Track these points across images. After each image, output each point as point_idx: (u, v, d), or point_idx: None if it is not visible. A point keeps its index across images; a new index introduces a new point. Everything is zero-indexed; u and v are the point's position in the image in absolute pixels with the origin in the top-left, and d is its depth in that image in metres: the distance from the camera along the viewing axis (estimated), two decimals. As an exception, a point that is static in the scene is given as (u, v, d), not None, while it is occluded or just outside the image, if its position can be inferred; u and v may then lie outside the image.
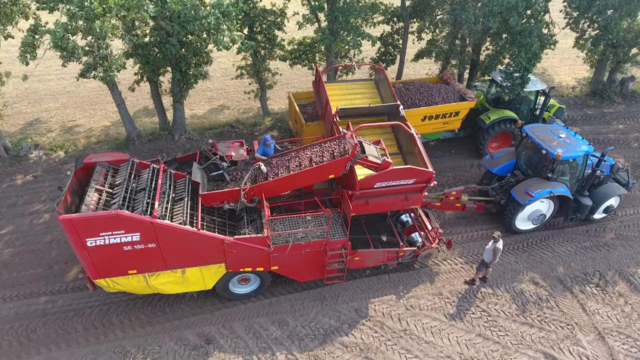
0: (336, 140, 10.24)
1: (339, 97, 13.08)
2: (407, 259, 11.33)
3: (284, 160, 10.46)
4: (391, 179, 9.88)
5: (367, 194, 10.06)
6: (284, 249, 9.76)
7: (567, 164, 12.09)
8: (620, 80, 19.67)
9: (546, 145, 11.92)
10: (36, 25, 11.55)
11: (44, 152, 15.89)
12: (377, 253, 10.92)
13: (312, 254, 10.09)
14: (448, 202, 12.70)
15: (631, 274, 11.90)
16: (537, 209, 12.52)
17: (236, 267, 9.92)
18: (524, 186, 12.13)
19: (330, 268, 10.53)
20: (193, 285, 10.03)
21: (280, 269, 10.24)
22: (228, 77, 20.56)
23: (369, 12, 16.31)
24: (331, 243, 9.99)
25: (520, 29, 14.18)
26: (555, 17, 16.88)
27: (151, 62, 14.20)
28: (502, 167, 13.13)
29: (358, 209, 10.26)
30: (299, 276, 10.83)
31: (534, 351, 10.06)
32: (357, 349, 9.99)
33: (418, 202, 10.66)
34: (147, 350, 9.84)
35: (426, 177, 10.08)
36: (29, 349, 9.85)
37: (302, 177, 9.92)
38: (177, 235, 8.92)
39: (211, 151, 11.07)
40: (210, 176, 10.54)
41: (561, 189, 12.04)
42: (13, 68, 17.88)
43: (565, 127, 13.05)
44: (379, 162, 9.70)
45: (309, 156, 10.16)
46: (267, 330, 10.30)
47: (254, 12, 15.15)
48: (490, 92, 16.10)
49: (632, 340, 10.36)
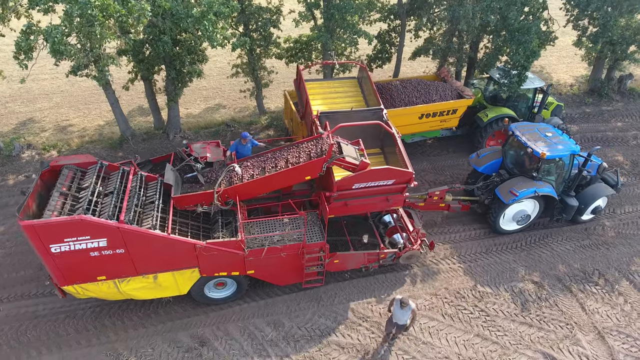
0: (314, 141, 10.00)
1: (320, 96, 12.78)
2: (389, 261, 11.08)
3: (260, 161, 10.20)
4: (370, 180, 9.70)
5: (346, 195, 9.86)
6: (259, 253, 9.50)
7: (553, 163, 11.90)
8: (618, 78, 19.56)
9: (532, 143, 11.70)
10: (30, 26, 11.33)
11: (37, 152, 15.68)
12: (357, 255, 10.70)
13: (289, 258, 9.84)
14: (432, 202, 12.48)
15: (631, 273, 11.78)
16: (521, 209, 12.28)
17: (210, 272, 9.66)
18: (508, 185, 11.91)
19: (308, 271, 10.29)
20: (166, 290, 9.77)
21: (256, 273, 10.00)
22: (224, 76, 20.38)
23: (366, 10, 16.16)
24: (308, 246, 9.77)
25: (519, 25, 14.05)
26: (554, 15, 16.77)
27: (145, 60, 14.01)
28: (488, 165, 12.90)
29: (337, 211, 10.08)
30: (277, 280, 10.60)
31: (533, 351, 9.92)
32: (353, 350, 9.84)
33: (399, 203, 10.49)
34: (139, 353, 9.66)
35: (406, 177, 9.89)
36: (19, 352, 9.66)
37: (277, 179, 9.68)
38: (146, 240, 8.63)
39: (186, 152, 10.74)
40: (185, 178, 10.23)
41: (546, 188, 11.81)
42: (6, 67, 17.71)
43: (552, 126, 12.79)
44: (357, 163, 9.48)
45: (286, 157, 9.92)
46: (262, 332, 10.13)
47: (249, 9, 14.99)
48: (488, 90, 15.97)
49: (632, 339, 10.23)
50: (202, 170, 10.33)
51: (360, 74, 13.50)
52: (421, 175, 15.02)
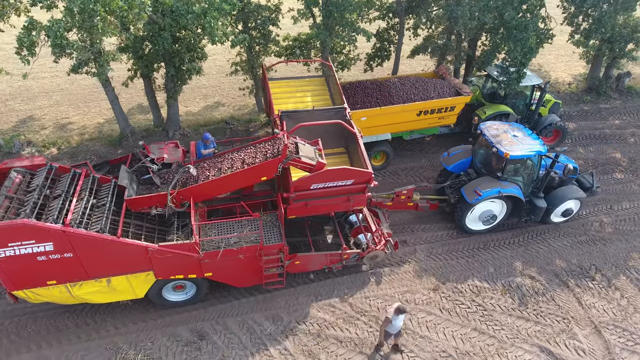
0: (271, 141, 9.95)
1: (287, 95, 12.65)
2: (353, 262, 10.99)
3: (217, 161, 10.08)
4: (327, 180, 9.58)
5: (305, 195, 9.76)
6: (215, 255, 9.37)
7: (519, 163, 11.72)
8: (616, 76, 19.63)
9: (497, 143, 11.56)
10: (31, 22, 11.39)
11: (37, 149, 15.75)
12: (319, 256, 10.59)
13: (247, 260, 9.71)
14: (400, 202, 12.40)
15: (628, 268, 11.85)
16: (488, 209, 12.15)
17: (166, 275, 9.54)
18: (473, 185, 11.81)
19: (268, 273, 10.16)
20: (122, 294, 9.68)
21: (214, 276, 9.89)
22: (223, 74, 20.45)
23: (365, 8, 16.23)
24: (266, 248, 9.64)
25: (516, 23, 14.12)
26: (551, 12, 16.84)
27: (144, 57, 14.08)
28: (457, 164, 12.80)
29: (298, 211, 10.00)
30: (236, 282, 10.48)
31: (529, 345, 9.99)
32: (351, 344, 9.90)
33: (361, 203, 10.37)
34: (139, 347, 9.73)
35: (365, 177, 9.78)
36: (19, 346, 9.72)
37: (232, 180, 9.56)
38: (95, 244, 8.49)
39: (143, 153, 10.58)
40: (141, 179, 10.08)
41: (511, 189, 11.67)
42: (6, 65, 17.74)
43: (523, 126, 12.63)
44: (313, 164, 9.38)
45: (243, 158, 9.82)
46: (261, 326, 10.19)
47: (248, 7, 15.05)
48: (486, 87, 16.05)
49: (629, 333, 10.30)
50: (159, 172, 10.16)
51: (327, 72, 13.29)
52: (419, 172, 15.10)
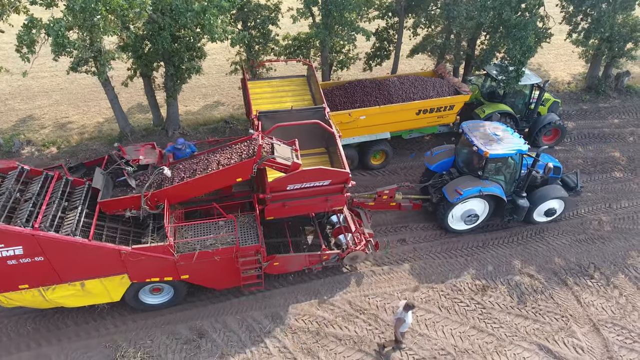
0: (247, 142, 9.90)
1: (268, 96, 12.57)
2: (333, 263, 10.91)
3: (193, 163, 10.01)
4: (304, 181, 9.53)
5: (282, 196, 9.71)
6: (190, 257, 9.27)
7: (500, 162, 11.67)
8: (615, 75, 19.65)
9: (478, 142, 11.51)
10: (32, 20, 11.41)
11: (36, 149, 15.78)
12: (298, 257, 10.51)
13: (224, 261, 9.59)
14: (382, 202, 12.39)
15: (626, 266, 11.87)
16: (470, 208, 12.09)
17: (141, 278, 9.45)
18: (455, 184, 11.79)
19: (246, 275, 10.05)
20: (97, 297, 9.59)
21: (191, 278, 9.80)
22: (222, 74, 20.46)
23: (364, 7, 16.25)
24: (243, 249, 9.56)
25: (515, 22, 14.14)
26: (551, 12, 16.87)
27: (144, 57, 14.10)
28: (440, 164, 12.78)
29: (275, 212, 9.97)
30: (214, 284, 10.40)
31: (528, 343, 10.01)
32: (350, 341, 9.92)
33: (340, 203, 10.33)
34: (138, 345, 9.75)
35: (342, 178, 9.74)
36: (19, 344, 9.74)
37: (207, 181, 9.46)
38: (66, 247, 8.37)
39: (119, 155, 10.52)
40: (117, 182, 10.01)
41: (492, 188, 11.61)
42: (6, 65, 17.75)
43: (505, 125, 12.61)
44: (288, 164, 9.33)
45: (218, 159, 9.75)
46: (260, 324, 10.22)
47: (248, 6, 15.08)
48: (485, 86, 16.07)
49: (627, 331, 10.32)
50: (135, 173, 10.07)
51: (308, 71, 13.24)
52: (419, 170, 15.11)
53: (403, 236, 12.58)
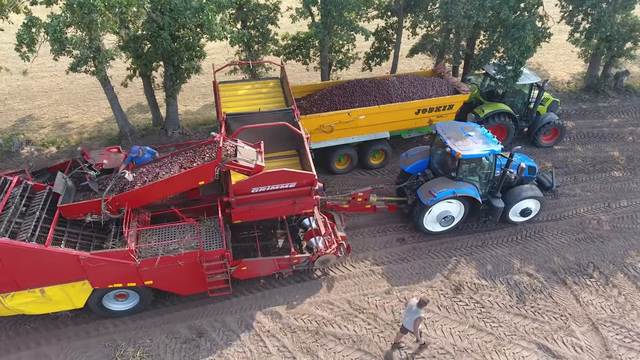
0: (210, 145, 9.77)
1: (240, 98, 12.44)
2: (304, 266, 10.75)
3: (156, 166, 9.90)
4: (268, 183, 9.44)
5: (247, 199, 9.58)
6: (152, 262, 9.09)
7: (473, 163, 11.56)
8: (614, 74, 19.67)
9: (451, 143, 11.38)
10: (31, 19, 11.42)
11: (36, 148, 15.80)
12: (267, 262, 10.31)
13: (188, 266, 9.40)
14: (356, 204, 12.29)
15: (625, 266, 11.87)
16: (445, 209, 11.98)
17: (103, 284, 9.26)
18: (429, 186, 11.68)
19: (213, 280, 9.83)
20: (59, 304, 9.42)
21: (156, 284, 9.61)
22: (222, 73, 20.43)
23: (363, 7, 16.26)
24: (206, 254, 9.36)
25: (514, 22, 14.15)
26: (549, 11, 16.88)
27: (143, 56, 14.11)
28: (415, 165, 12.66)
29: (243, 216, 9.86)
30: (180, 290, 10.18)
31: (527, 342, 10.01)
32: (349, 340, 9.93)
33: (309, 206, 10.20)
34: (137, 344, 9.75)
35: (307, 180, 9.62)
36: (18, 343, 9.74)
37: (169, 185, 9.32)
38: (21, 253, 8.25)
39: (82, 159, 10.36)
40: (80, 186, 9.85)
41: (467, 189, 11.51)
42: (5, 64, 17.76)
43: (479, 125, 12.45)
44: (251, 166, 9.21)
45: (181, 162, 9.63)
46: (260, 323, 10.22)
47: (247, 6, 15.09)
48: (485, 86, 16.08)
49: (626, 330, 10.33)
50: (98, 178, 9.95)
51: (282, 73, 13.13)
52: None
53: (402, 235, 12.58)
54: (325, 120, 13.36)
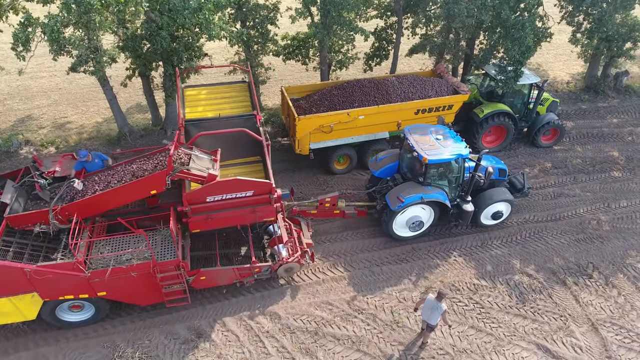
0: (164, 153, 9.56)
1: (205, 103, 12.07)
2: (266, 275, 10.50)
3: (108, 175, 9.65)
4: (223, 192, 9.19)
5: (203, 208, 9.34)
6: (103, 274, 8.86)
7: (441, 167, 11.37)
8: (614, 75, 19.65)
9: (418, 147, 11.14)
10: (28, 18, 11.41)
11: (35, 148, 15.78)
12: (227, 271, 10.04)
13: (143, 277, 9.16)
14: (324, 210, 12.08)
15: (625, 266, 11.86)
16: (414, 215, 11.75)
17: (53, 296, 9.02)
18: (397, 191, 11.43)
19: (169, 290, 9.59)
20: (9, 316, 9.20)
21: (110, 295, 9.36)
22: (221, 73, 20.44)
23: (362, 7, 16.25)
24: (160, 264, 9.09)
25: (514, 22, 14.14)
26: (549, 11, 16.87)
27: (142, 56, 14.10)
28: (384, 169, 12.35)
29: (200, 225, 9.63)
30: (137, 300, 9.96)
31: (527, 342, 10.00)
32: (349, 341, 9.91)
33: (269, 215, 9.96)
34: (136, 345, 9.74)
35: (264, 188, 9.42)
36: (17, 344, 9.72)
37: (120, 194, 9.05)
38: None
39: (34, 167, 10.07)
40: (32, 195, 9.55)
41: (435, 194, 11.32)
42: (5, 65, 17.75)
43: (447, 128, 12.19)
44: (204, 175, 9.02)
45: (133, 170, 9.38)
46: (259, 324, 10.21)
47: (246, 6, 15.07)
48: (484, 86, 16.07)
49: (626, 330, 10.31)
50: (51, 186, 9.71)
51: (249, 77, 12.92)
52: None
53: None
54: (324, 121, 13.35)
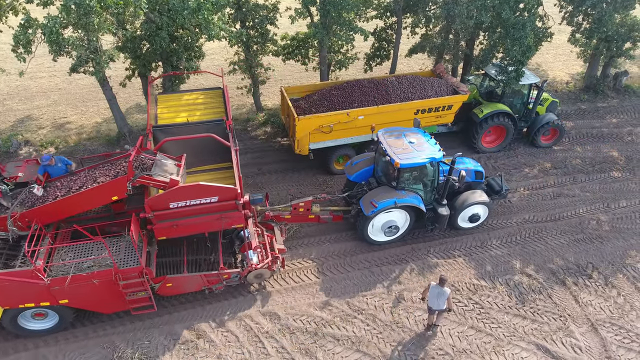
0: (127, 158, 9.36)
1: (176, 109, 11.94)
2: (236, 281, 10.31)
3: (70, 180, 9.48)
4: (186, 198, 8.95)
5: (167, 215, 9.11)
6: (63, 281, 8.69)
7: (415, 171, 11.20)
8: (613, 75, 19.66)
9: (391, 151, 10.95)
10: (28, 20, 11.41)
11: (34, 149, 15.78)
12: (194, 278, 9.85)
13: (105, 285, 8.99)
14: (299, 214, 11.85)
15: (625, 266, 11.86)
16: (390, 219, 11.55)
17: (13, 304, 8.85)
18: (371, 196, 11.24)
19: (134, 298, 9.44)
20: None
21: (72, 303, 9.18)
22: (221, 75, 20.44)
23: (362, 7, 16.25)
24: (123, 272, 8.96)
25: (514, 22, 14.14)
26: (549, 11, 16.87)
27: (141, 57, 14.10)
28: (359, 173, 12.14)
29: (165, 232, 9.40)
30: (100, 308, 9.76)
31: (526, 343, 10.00)
32: (348, 342, 9.91)
33: (237, 221, 9.72)
34: (136, 345, 9.74)
35: (229, 194, 9.19)
36: (17, 345, 9.72)
37: (80, 200, 8.89)
38: None
39: None
40: None
41: (409, 198, 11.13)
42: (4, 65, 17.76)
43: (422, 131, 12.03)
44: (166, 181, 8.83)
45: (95, 176, 9.25)
46: (258, 324, 10.21)
47: (246, 6, 15.07)
48: (484, 86, 16.07)
49: (625, 331, 10.31)
50: (14, 192, 9.52)
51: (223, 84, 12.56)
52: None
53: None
54: (324, 121, 13.35)
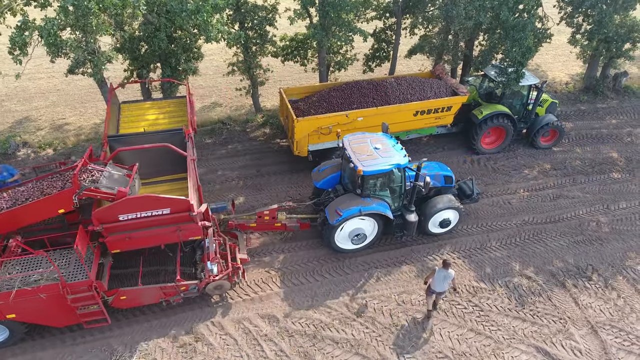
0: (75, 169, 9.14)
1: (139, 118, 11.82)
2: (194, 293, 10.07)
3: (18, 192, 9.22)
4: (135, 210, 8.70)
5: (118, 227, 8.83)
6: (7, 296, 8.46)
7: (380, 178, 10.95)
8: (613, 75, 19.63)
9: (355, 158, 10.65)
10: (25, 22, 11.36)
11: (33, 150, 15.72)
12: (149, 290, 9.61)
13: (54, 299, 8.78)
14: (264, 223, 11.63)
15: (624, 268, 11.82)
16: (356, 227, 11.27)
17: None
18: (336, 204, 10.97)
19: (85, 312, 9.22)
20: None
21: (20, 317, 8.96)
22: (220, 75, 20.40)
23: (361, 8, 16.21)
24: (71, 285, 8.73)
25: (513, 23, 14.10)
26: (549, 12, 16.83)
27: (140, 58, 14.04)
28: (326, 180, 11.86)
29: (119, 245, 9.17)
30: (51, 322, 9.52)
31: (526, 345, 9.96)
32: (347, 345, 9.87)
33: (196, 233, 9.49)
34: (134, 348, 9.69)
35: (182, 206, 8.92)
36: (14, 348, 9.66)
37: (25, 212, 8.63)
38: None
39: None
40: None
41: (374, 206, 10.85)
42: (2, 66, 17.73)
43: (389, 136, 11.69)
44: (113, 193, 8.64)
45: (43, 188, 9.02)
46: (257, 327, 10.16)
47: (245, 7, 15.03)
48: (483, 87, 16.03)
49: (625, 333, 10.28)
50: None
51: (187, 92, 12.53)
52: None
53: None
54: (323, 122, 13.31)
